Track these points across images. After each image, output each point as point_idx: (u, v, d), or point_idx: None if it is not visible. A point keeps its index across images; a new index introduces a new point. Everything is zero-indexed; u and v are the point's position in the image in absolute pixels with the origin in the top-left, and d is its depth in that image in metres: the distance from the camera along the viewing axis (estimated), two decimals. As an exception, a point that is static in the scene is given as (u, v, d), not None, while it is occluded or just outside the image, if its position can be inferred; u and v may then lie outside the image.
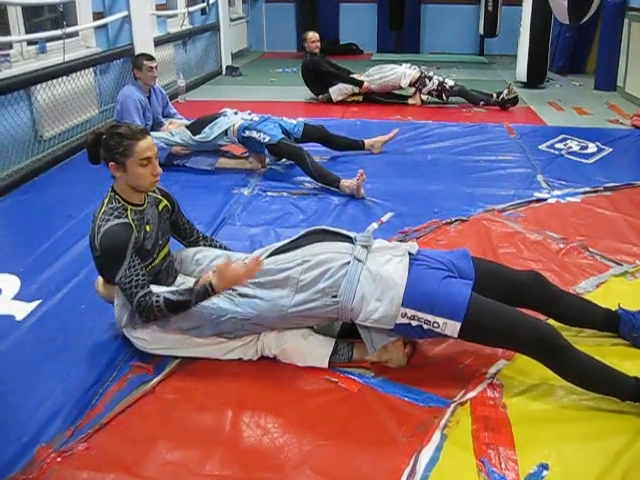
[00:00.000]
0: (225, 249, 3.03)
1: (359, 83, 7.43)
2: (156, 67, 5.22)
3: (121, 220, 2.48)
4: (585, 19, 6.83)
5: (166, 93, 5.72)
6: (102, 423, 2.23)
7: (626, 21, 7.93)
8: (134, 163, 2.51)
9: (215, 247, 3.00)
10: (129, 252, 2.44)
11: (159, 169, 2.59)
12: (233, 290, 2.51)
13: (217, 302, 2.49)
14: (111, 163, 2.51)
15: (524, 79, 8.61)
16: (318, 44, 7.37)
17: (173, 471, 2.03)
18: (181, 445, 2.14)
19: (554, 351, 2.28)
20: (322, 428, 2.22)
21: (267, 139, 4.80)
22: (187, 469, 2.04)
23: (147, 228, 2.60)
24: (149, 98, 5.29)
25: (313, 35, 7.38)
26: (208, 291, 2.42)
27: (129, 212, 2.53)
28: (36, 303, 3.04)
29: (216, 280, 2.40)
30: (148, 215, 2.63)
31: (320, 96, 7.63)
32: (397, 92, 7.62)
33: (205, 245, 2.99)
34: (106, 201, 2.55)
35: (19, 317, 2.92)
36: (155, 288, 2.53)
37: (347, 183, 4.46)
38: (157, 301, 2.41)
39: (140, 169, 2.52)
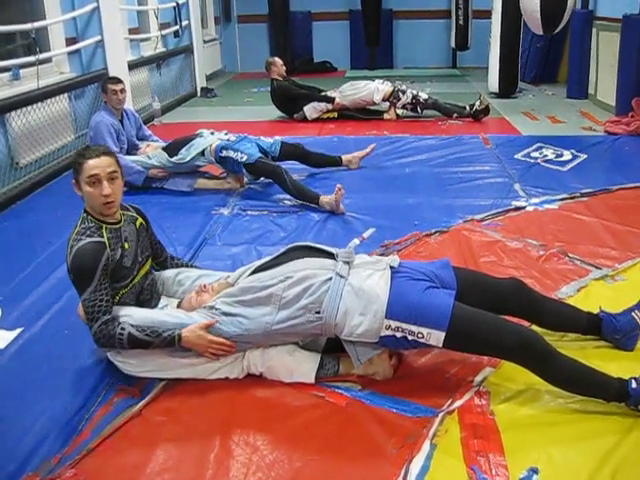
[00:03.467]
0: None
1: (331, 100, 7.49)
2: (122, 90, 5.15)
3: (94, 238, 2.47)
4: (558, 29, 6.93)
5: (139, 116, 5.71)
6: (89, 448, 2.21)
7: (594, 30, 8.06)
8: (83, 182, 2.52)
9: (183, 267, 3.01)
10: (98, 273, 2.42)
11: (107, 190, 2.49)
12: (216, 309, 2.51)
13: (200, 321, 2.48)
14: (73, 181, 2.54)
15: (496, 90, 8.71)
16: (284, 68, 7.55)
17: (163, 493, 2.02)
18: (170, 467, 2.12)
19: (539, 356, 2.29)
20: (311, 443, 2.21)
21: (245, 158, 4.80)
22: (177, 491, 2.02)
23: (125, 245, 2.59)
24: (122, 122, 5.27)
25: (279, 60, 7.53)
26: (174, 342, 2.45)
27: (104, 230, 2.53)
28: (18, 331, 3.01)
29: (187, 333, 2.44)
30: (126, 232, 2.62)
31: (295, 115, 7.66)
32: (372, 108, 7.67)
33: (172, 265, 3.00)
34: (79, 222, 2.55)
35: (1, 345, 2.89)
36: (126, 310, 2.52)
37: (326, 199, 4.46)
38: (121, 333, 2.41)
39: (88, 188, 2.51)
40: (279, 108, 7.75)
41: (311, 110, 7.55)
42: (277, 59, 7.56)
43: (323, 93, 7.61)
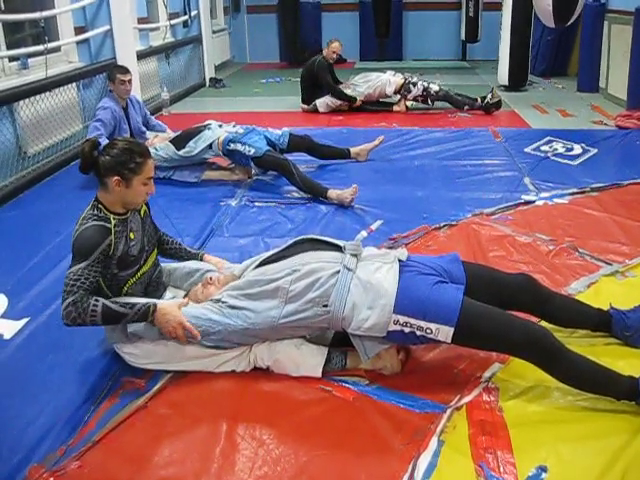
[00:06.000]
0: (185, 250, 3.00)
1: (353, 100, 7.43)
2: (130, 80, 5.16)
3: (99, 223, 2.46)
4: (570, 21, 6.88)
5: (143, 103, 5.69)
6: (94, 440, 2.20)
7: (606, 23, 7.99)
8: (139, 181, 2.52)
9: (175, 245, 2.98)
10: (95, 254, 2.40)
11: (154, 189, 2.62)
12: (222, 302, 2.49)
13: (207, 314, 2.47)
14: (115, 178, 2.48)
15: (506, 83, 8.67)
16: (336, 56, 7.45)
17: (168, 487, 2.01)
18: (176, 460, 2.11)
19: (548, 353, 2.27)
20: (318, 438, 2.20)
21: (252, 152, 4.78)
22: (183, 484, 2.01)
23: (131, 235, 2.58)
24: (127, 110, 5.26)
25: (337, 46, 7.39)
26: (148, 313, 2.42)
27: (112, 220, 2.51)
28: (24, 321, 3.01)
29: (162, 305, 2.44)
30: (132, 223, 2.61)
31: (306, 106, 7.63)
32: (382, 99, 7.63)
33: (166, 244, 2.96)
34: (88, 208, 2.54)
35: (7, 336, 2.89)
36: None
37: (334, 195, 4.44)
38: (95, 305, 2.35)
39: (142, 187, 2.54)
40: (302, 84, 7.64)
41: (324, 106, 7.52)
42: (335, 44, 7.36)
43: (341, 87, 7.53)
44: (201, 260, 2.99)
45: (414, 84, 7.43)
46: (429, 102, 7.51)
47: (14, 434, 2.24)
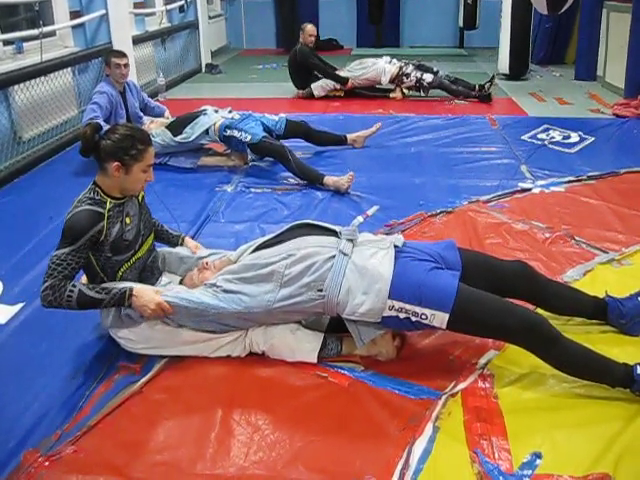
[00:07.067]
0: (167, 232, 3.00)
1: (344, 81, 7.40)
2: (125, 64, 5.12)
3: (93, 207, 2.45)
4: (563, 9, 6.84)
5: (140, 87, 5.65)
6: (90, 425, 2.20)
7: (604, 11, 7.95)
8: (139, 168, 2.52)
9: (157, 227, 2.96)
10: (83, 240, 2.39)
11: (153, 176, 2.62)
12: (218, 287, 2.48)
13: (201, 298, 2.46)
14: (115, 163, 2.47)
15: (506, 71, 8.63)
16: (314, 39, 7.41)
17: (164, 472, 2.01)
18: (171, 445, 2.12)
19: (544, 340, 2.27)
20: (313, 424, 2.20)
21: (249, 138, 4.76)
22: (178, 469, 2.01)
23: (127, 220, 2.57)
24: (124, 95, 5.22)
25: (312, 29, 7.37)
26: (124, 298, 2.43)
27: (108, 204, 2.50)
28: (19, 306, 3.00)
29: (139, 288, 2.46)
30: (128, 207, 2.60)
31: (302, 91, 7.60)
32: (379, 86, 7.60)
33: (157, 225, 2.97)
34: (85, 191, 2.53)
35: (2, 320, 2.89)
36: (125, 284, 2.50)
37: (331, 181, 4.43)
38: (71, 290, 2.36)
39: (141, 174, 2.54)
40: (291, 74, 7.64)
41: (319, 89, 7.49)
42: (309, 26, 7.38)
43: (336, 72, 7.51)
44: (182, 243, 2.99)
45: (407, 75, 7.39)
46: (422, 92, 7.46)
47: (9, 419, 2.24)
